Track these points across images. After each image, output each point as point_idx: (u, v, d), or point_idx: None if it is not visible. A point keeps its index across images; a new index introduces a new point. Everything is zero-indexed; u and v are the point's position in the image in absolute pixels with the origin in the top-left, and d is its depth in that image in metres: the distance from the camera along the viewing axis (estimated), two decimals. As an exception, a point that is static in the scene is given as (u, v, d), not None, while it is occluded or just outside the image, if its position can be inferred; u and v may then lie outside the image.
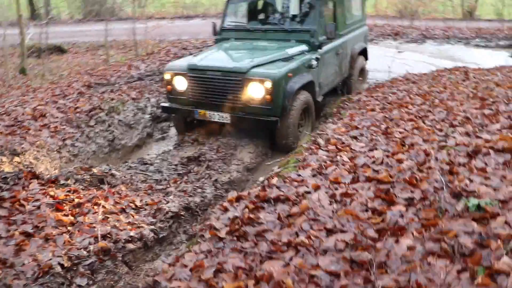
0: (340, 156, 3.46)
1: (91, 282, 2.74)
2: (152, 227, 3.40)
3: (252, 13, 6.70)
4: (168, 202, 3.84)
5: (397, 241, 2.16)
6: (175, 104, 5.56)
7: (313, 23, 5.76)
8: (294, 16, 6.06)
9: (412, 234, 2.21)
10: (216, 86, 5.15)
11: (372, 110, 4.96)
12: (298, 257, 2.11)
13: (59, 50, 11.18)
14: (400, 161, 3.21)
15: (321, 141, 3.99)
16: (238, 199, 2.96)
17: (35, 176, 3.78)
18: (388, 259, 2.03)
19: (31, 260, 2.62)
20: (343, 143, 3.83)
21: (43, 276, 2.53)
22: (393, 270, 1.96)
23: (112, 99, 6.26)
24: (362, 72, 7.59)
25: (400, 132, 3.95)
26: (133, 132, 5.99)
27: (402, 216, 2.41)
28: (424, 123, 4.20)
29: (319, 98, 5.84)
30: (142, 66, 8.18)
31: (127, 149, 5.71)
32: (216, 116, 5.19)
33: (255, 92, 4.92)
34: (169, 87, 5.54)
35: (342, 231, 2.31)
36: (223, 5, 6.73)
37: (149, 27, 10.41)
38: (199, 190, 4.19)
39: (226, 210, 2.85)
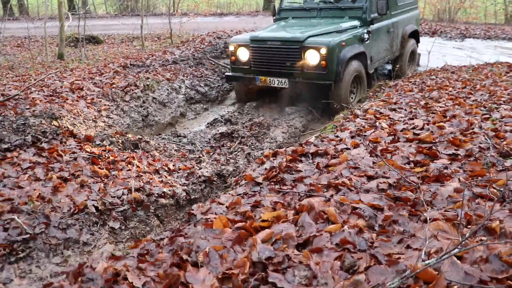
0: (379, 122, 3.41)
1: (123, 227, 2.77)
2: (185, 187, 3.44)
3: None
4: (201, 168, 3.89)
5: (442, 185, 2.11)
6: (238, 73, 6.13)
7: (364, 0, 6.19)
8: None
9: (459, 179, 2.16)
10: (276, 55, 5.67)
11: (410, 91, 4.87)
12: (339, 195, 2.08)
13: (95, 40, 11.42)
14: (442, 127, 3.14)
15: (358, 112, 3.94)
16: (275, 154, 2.95)
17: (73, 134, 3.86)
18: (434, 199, 1.98)
19: (68, 200, 2.67)
20: (381, 113, 3.78)
21: (78, 213, 2.58)
22: (440, 207, 1.91)
23: (147, 78, 6.35)
24: (413, 54, 7.92)
25: (441, 107, 3.86)
26: (166, 110, 6.07)
27: (446, 168, 2.36)
28: (465, 101, 4.10)
29: (371, 70, 6.31)
30: (177, 52, 8.29)
31: (160, 125, 5.79)
32: (275, 82, 5.70)
33: (311, 58, 5.42)
34: (233, 57, 6.15)
35: (384, 177, 2.27)
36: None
37: (183, 22, 10.58)
38: (232, 160, 4.23)
39: (262, 163, 2.84)
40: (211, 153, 4.50)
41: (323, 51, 5.31)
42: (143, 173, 3.46)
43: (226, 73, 6.53)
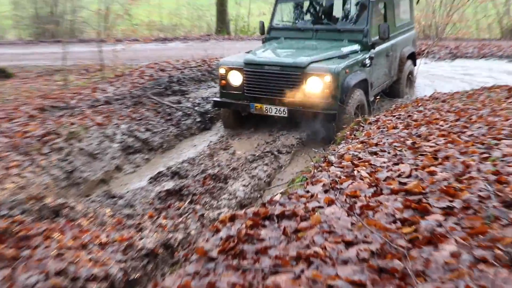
0: (358, 171, 3.47)
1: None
2: (122, 265, 3.35)
3: (302, 13, 7.91)
4: (142, 238, 3.82)
5: (436, 248, 2.13)
6: (229, 99, 6.77)
7: (366, 23, 6.84)
8: (346, 16, 7.35)
9: (456, 241, 2.19)
10: (274, 81, 6.29)
11: (394, 127, 5.01)
12: (311, 269, 2.07)
13: (3, 74, 11.14)
14: (432, 173, 3.22)
15: (332, 158, 4.01)
16: (233, 218, 2.93)
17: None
18: (427, 268, 2.01)
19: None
20: (360, 158, 3.86)
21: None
22: (435, 278, 1.93)
23: (72, 124, 6.28)
24: (410, 77, 8.70)
25: (431, 147, 3.97)
26: (97, 163, 5.98)
27: (440, 225, 2.40)
28: (460, 138, 4.23)
29: (371, 98, 6.91)
30: (110, 89, 8.27)
31: (89, 184, 5.68)
32: (273, 110, 6.33)
33: (314, 86, 6.06)
34: (223, 81, 6.78)
35: (365, 242, 2.29)
36: (272, 5, 8.07)
37: (118, 49, 10.65)
38: (182, 225, 4.19)
39: (217, 230, 2.82)
40: (155, 217, 4.43)
41: (328, 78, 5.93)
42: (67, 249, 3.36)
43: (214, 99, 7.19)
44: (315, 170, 3.86)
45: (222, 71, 6.77)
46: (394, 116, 5.85)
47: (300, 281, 1.97)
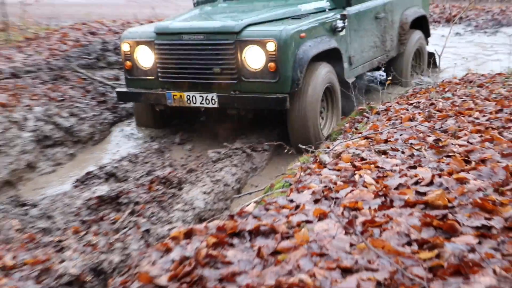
0: (360, 175, 3.53)
1: None
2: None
3: None
4: (63, 261, 3.82)
5: (467, 281, 2.17)
6: (138, 88, 6.40)
7: None
8: None
9: (494, 272, 2.23)
10: (197, 56, 5.90)
11: (411, 119, 5.07)
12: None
13: None
14: (463, 181, 3.27)
15: (325, 158, 4.06)
16: (189, 234, 2.97)
17: None
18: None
19: None
20: (363, 159, 3.91)
21: None
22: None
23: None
24: (420, 54, 8.46)
25: (461, 146, 4.04)
26: (1, 159, 5.93)
27: (472, 251, 2.44)
28: (501, 135, 4.31)
29: (350, 78, 6.60)
30: (19, 57, 8.19)
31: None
32: (197, 100, 5.89)
33: (253, 58, 5.64)
34: (128, 63, 6.40)
35: (369, 269, 2.33)
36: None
37: (29, 3, 10.55)
38: (119, 244, 4.20)
39: (168, 250, 2.85)
40: (82, 233, 4.43)
41: (271, 46, 5.47)
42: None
43: (118, 89, 6.74)
44: (301, 173, 3.90)
45: (125, 47, 6.42)
46: (411, 104, 5.92)
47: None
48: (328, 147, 4.64)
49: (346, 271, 2.36)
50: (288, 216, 2.98)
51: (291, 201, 3.23)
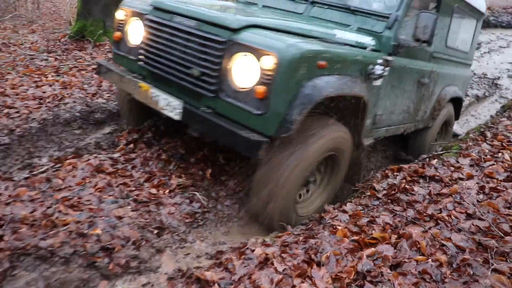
0: (502, 153, 5.30)
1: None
2: None
3: None
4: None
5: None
6: (120, 67, 5.48)
7: (397, 7, 5.26)
8: None
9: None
10: (181, 46, 4.72)
11: None
12: (436, 228, 4.31)
13: None
14: None
15: (488, 134, 5.71)
16: (399, 170, 5.17)
17: None
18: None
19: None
20: (510, 141, 5.58)
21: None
22: (513, 262, 4.00)
23: None
24: (445, 128, 7.89)
25: None
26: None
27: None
28: None
29: (367, 141, 5.46)
30: None
31: None
32: (161, 102, 4.68)
33: (241, 71, 4.31)
34: (117, 34, 5.53)
35: (480, 219, 4.42)
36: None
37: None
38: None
39: (386, 176, 5.07)
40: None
41: (269, 61, 4.02)
42: None
43: (98, 60, 5.69)
44: (471, 142, 5.73)
45: (120, 15, 5.44)
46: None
47: (426, 235, 4.22)
48: (494, 123, 6.39)
49: (468, 216, 4.34)
50: (452, 172, 4.99)
51: (457, 162, 5.17)
